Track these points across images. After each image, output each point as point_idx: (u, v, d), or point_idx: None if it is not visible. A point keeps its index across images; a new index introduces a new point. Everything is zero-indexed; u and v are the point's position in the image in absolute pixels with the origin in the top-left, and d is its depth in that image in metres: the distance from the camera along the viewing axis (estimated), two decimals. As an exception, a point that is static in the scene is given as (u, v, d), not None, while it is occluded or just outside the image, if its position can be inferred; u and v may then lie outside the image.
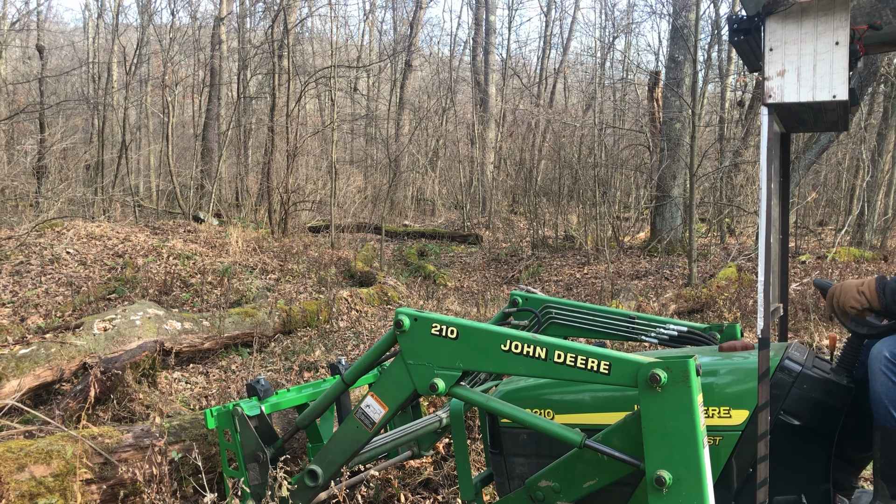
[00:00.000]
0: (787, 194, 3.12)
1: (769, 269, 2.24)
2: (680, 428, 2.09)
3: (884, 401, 2.24)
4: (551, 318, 3.66)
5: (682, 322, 3.47)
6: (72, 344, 5.48)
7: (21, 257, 9.35)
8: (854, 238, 13.61)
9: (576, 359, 2.25)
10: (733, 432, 2.36)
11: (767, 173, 2.25)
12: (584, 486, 2.39)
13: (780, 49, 2.22)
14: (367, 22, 31.72)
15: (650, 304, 8.39)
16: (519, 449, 2.70)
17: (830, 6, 2.17)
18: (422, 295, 10.57)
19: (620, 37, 28.29)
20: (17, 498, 3.04)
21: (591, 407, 2.57)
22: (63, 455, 3.28)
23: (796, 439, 2.37)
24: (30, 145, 17.40)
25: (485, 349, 2.41)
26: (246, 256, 11.30)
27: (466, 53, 31.94)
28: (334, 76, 18.22)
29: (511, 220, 19.12)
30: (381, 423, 2.68)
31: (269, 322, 7.60)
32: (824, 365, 2.55)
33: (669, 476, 2.09)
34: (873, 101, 15.13)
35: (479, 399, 2.54)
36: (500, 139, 23.49)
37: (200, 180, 18.84)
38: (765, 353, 2.21)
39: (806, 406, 2.37)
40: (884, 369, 2.25)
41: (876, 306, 2.40)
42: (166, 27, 21.57)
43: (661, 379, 2.08)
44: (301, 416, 3.09)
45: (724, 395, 2.39)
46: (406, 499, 3.78)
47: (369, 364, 2.85)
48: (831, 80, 2.18)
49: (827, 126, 2.97)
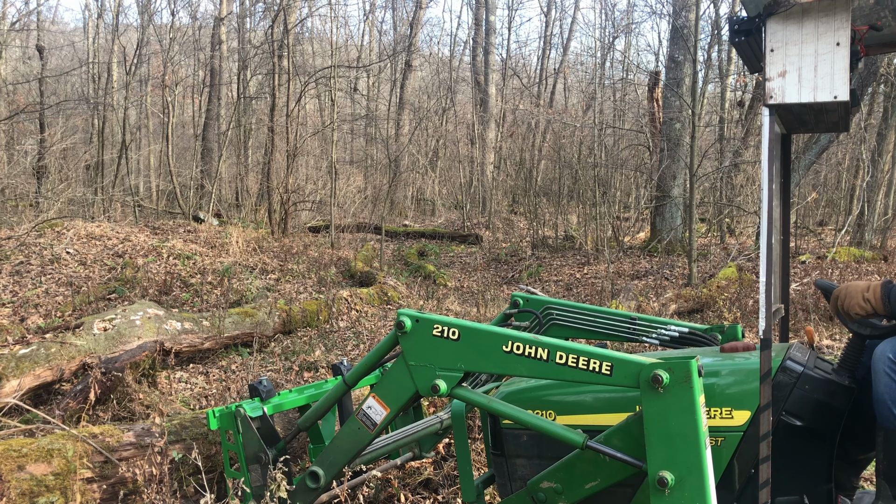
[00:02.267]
0: (787, 195, 3.12)
1: (770, 269, 2.24)
2: (682, 429, 2.09)
3: (887, 402, 2.24)
4: (552, 320, 3.66)
5: (683, 323, 3.47)
6: (72, 344, 5.48)
7: (21, 257, 9.34)
8: (854, 238, 13.61)
9: (577, 360, 2.24)
10: (735, 433, 2.36)
11: (769, 174, 2.24)
12: (586, 487, 2.39)
13: (781, 50, 2.22)
14: (367, 22, 31.73)
15: (650, 304, 8.39)
16: (520, 450, 2.69)
17: (831, 7, 2.17)
18: (422, 295, 10.57)
19: (620, 37, 28.30)
20: (17, 496, 3.04)
21: (592, 408, 2.56)
22: (64, 454, 3.28)
23: (798, 440, 2.36)
24: (30, 145, 17.40)
25: (487, 350, 2.41)
26: (246, 256, 11.29)
27: (466, 53, 31.96)
28: (334, 76, 18.21)
29: (511, 220, 19.12)
30: (382, 425, 2.68)
31: (269, 322, 7.60)
32: (826, 365, 2.55)
33: (672, 477, 2.09)
34: (873, 101, 15.13)
35: (481, 400, 2.53)
36: (500, 139, 23.50)
37: (200, 180, 18.83)
38: (766, 353, 2.21)
39: (808, 407, 2.36)
40: (887, 370, 2.24)
41: (881, 312, 2.39)
42: (166, 27, 21.57)
43: (664, 380, 2.08)
44: (303, 417, 3.09)
45: (726, 395, 2.39)
46: (406, 499, 3.78)
47: (371, 365, 2.85)
48: (832, 80, 2.18)
49: (828, 127, 2.96)
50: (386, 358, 2.81)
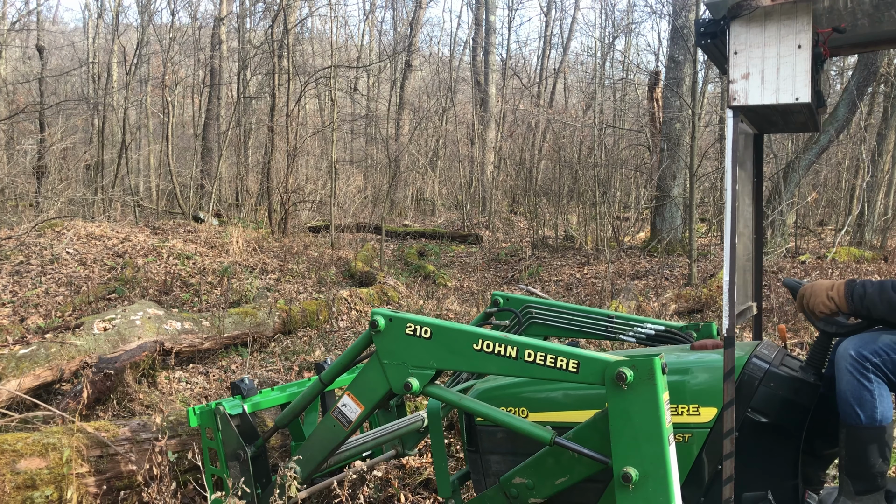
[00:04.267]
0: (760, 195, 3.15)
1: (734, 270, 2.28)
2: (646, 425, 2.13)
3: (849, 399, 2.29)
4: (532, 318, 3.74)
5: (660, 321, 3.54)
6: (72, 344, 5.48)
7: (21, 257, 9.35)
8: (854, 238, 13.60)
9: (545, 357, 2.29)
10: (702, 429, 2.40)
11: (733, 175, 2.28)
12: (557, 482, 2.43)
13: (744, 52, 2.26)
14: (367, 22, 31.73)
15: (650, 304, 8.39)
16: (494, 447, 2.74)
17: (793, 10, 2.20)
18: (422, 295, 10.57)
19: (620, 37, 28.30)
20: (12, 490, 3.06)
21: (563, 405, 2.61)
22: (59, 448, 3.30)
23: (764, 436, 2.41)
24: (30, 145, 17.39)
25: (457, 349, 2.46)
26: (246, 256, 11.30)
27: (466, 53, 31.94)
28: (334, 76, 18.21)
29: (511, 220, 19.12)
30: (357, 422, 2.73)
31: (269, 322, 7.60)
32: (794, 363, 2.59)
33: (636, 472, 2.13)
34: (873, 101, 15.12)
35: (452, 398, 2.59)
36: (500, 139, 23.49)
37: (200, 180, 18.83)
38: (730, 351, 2.25)
39: (773, 404, 2.41)
40: (849, 368, 2.29)
41: (844, 310, 2.44)
42: (166, 27, 21.58)
43: (628, 377, 2.12)
44: (280, 415, 3.14)
45: (694, 392, 2.43)
46: (406, 499, 3.78)
47: (346, 364, 2.90)
48: (794, 82, 2.21)
49: (797, 127, 3.00)
50: (361, 357, 2.86)
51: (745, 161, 2.96)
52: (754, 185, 3.07)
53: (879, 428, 2.25)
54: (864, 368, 2.27)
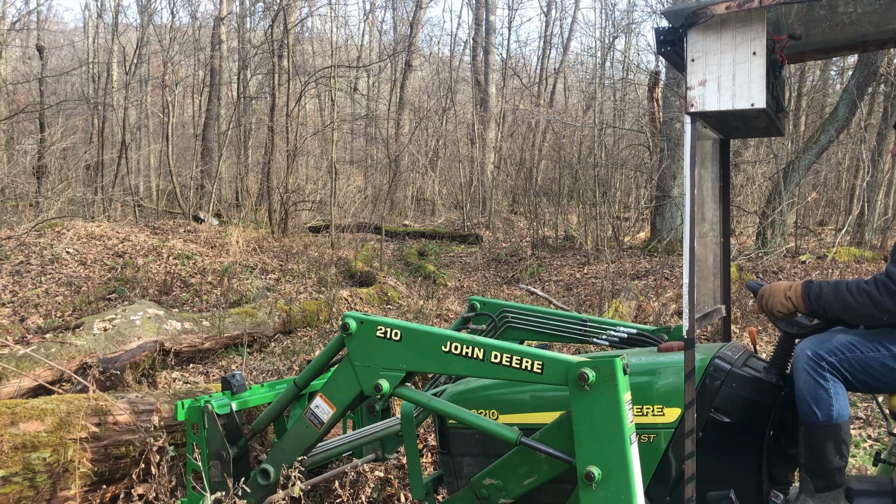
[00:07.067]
0: (727, 198, 3.20)
1: (693, 272, 2.31)
2: (607, 424, 2.17)
3: (806, 398, 2.33)
4: (507, 322, 3.82)
5: (632, 324, 3.63)
6: (72, 344, 5.48)
7: (21, 257, 9.35)
8: (854, 238, 13.60)
9: (511, 359, 2.33)
10: (667, 429, 2.45)
11: (691, 180, 2.31)
12: (525, 483, 2.47)
13: (701, 59, 2.30)
14: (367, 22, 31.71)
15: (650, 303, 8.39)
16: (466, 449, 2.77)
17: (748, 18, 2.23)
18: (422, 295, 10.57)
19: (620, 37, 28.28)
20: (10, 450, 3.10)
21: (531, 407, 2.65)
22: (57, 413, 3.33)
23: (727, 436, 2.45)
24: (30, 145, 17.39)
25: (426, 351, 2.50)
26: (246, 256, 11.30)
27: (466, 53, 31.94)
28: (334, 76, 18.22)
29: (511, 220, 19.12)
30: (329, 424, 2.76)
31: (269, 322, 7.60)
32: (758, 364, 2.63)
33: (598, 471, 2.17)
34: (873, 101, 15.12)
35: (422, 399, 2.62)
36: (500, 139, 23.50)
37: (200, 180, 18.83)
38: (690, 353, 2.29)
39: (735, 404, 2.45)
40: (806, 367, 2.33)
41: (802, 311, 2.47)
42: (166, 27, 21.57)
43: (590, 378, 2.16)
44: (256, 420, 3.15)
45: (658, 393, 2.48)
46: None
47: (320, 367, 2.93)
48: (749, 89, 2.25)
49: (759, 132, 3.05)
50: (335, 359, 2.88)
51: (712, 165, 3.02)
52: (720, 188, 3.14)
53: (836, 426, 2.30)
54: (820, 368, 2.31)
